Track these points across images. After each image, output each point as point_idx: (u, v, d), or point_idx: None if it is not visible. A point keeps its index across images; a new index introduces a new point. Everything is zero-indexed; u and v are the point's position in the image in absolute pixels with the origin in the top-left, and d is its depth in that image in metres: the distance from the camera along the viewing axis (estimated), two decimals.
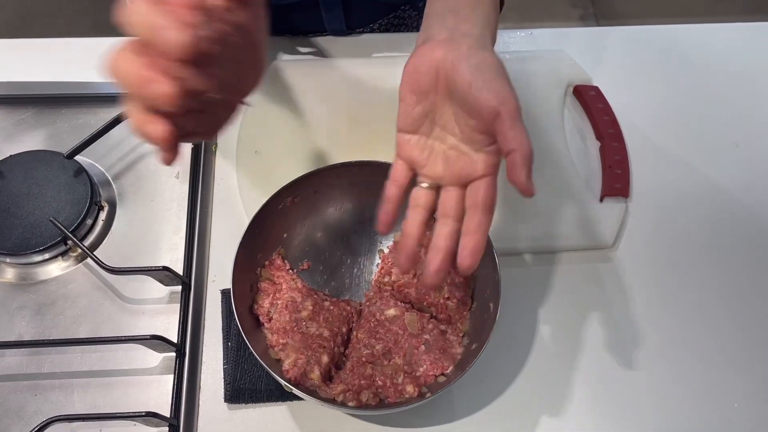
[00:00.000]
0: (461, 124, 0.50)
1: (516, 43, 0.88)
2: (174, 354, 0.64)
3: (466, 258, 0.49)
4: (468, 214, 0.51)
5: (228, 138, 0.78)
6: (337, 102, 0.80)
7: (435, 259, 0.51)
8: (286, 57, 0.85)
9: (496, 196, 0.51)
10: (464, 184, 0.52)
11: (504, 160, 0.48)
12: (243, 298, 0.62)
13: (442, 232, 0.52)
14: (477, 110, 0.48)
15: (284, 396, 0.63)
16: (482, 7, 0.54)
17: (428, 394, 0.58)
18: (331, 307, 0.63)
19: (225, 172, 0.76)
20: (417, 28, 0.94)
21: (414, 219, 0.53)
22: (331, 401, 0.58)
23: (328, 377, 0.60)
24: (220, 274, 0.70)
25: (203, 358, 0.65)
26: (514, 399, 0.64)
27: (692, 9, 2.17)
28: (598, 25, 2.15)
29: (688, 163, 0.79)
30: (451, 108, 0.51)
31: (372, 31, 0.91)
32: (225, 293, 0.68)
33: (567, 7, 2.22)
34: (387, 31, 0.93)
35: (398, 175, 0.54)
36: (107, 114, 0.76)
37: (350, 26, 0.87)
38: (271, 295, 0.64)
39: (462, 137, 0.51)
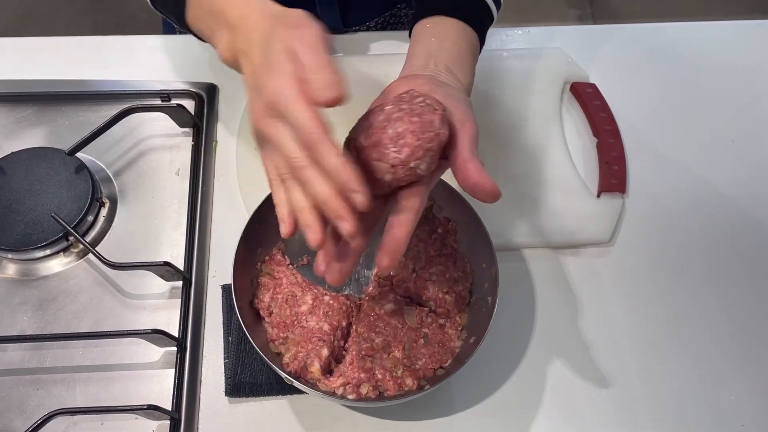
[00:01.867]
0: None
1: (513, 40, 0.88)
2: (175, 348, 0.65)
3: (383, 257, 0.48)
4: (395, 214, 0.49)
5: (228, 135, 0.78)
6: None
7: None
8: None
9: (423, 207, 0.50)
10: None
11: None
12: (243, 293, 0.62)
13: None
14: None
15: (284, 389, 0.63)
16: (461, 59, 0.59)
17: (427, 387, 0.58)
18: (331, 302, 0.64)
19: (225, 168, 0.76)
20: None
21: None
22: (331, 394, 0.58)
23: (328, 370, 0.61)
24: (220, 270, 0.70)
25: (204, 353, 0.66)
26: (512, 392, 0.65)
27: (689, 9, 2.18)
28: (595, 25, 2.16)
29: (685, 159, 0.79)
30: None
31: (368, 29, 0.91)
32: (225, 288, 0.69)
33: (564, 7, 2.23)
34: (383, 29, 0.93)
35: None
36: (108, 111, 0.77)
37: (346, 24, 0.88)
38: (272, 290, 0.64)
39: None
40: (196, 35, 0.64)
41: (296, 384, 0.56)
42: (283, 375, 0.57)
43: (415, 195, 0.50)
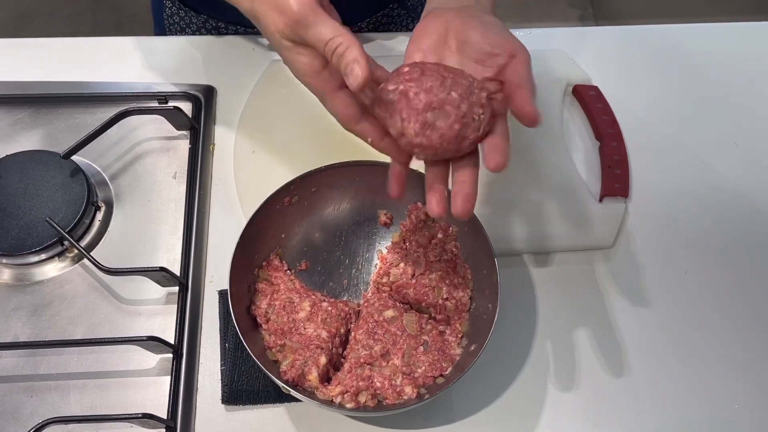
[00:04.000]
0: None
1: None
2: (171, 355, 0.64)
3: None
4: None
5: (225, 138, 0.77)
6: None
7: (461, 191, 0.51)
8: (278, 57, 0.84)
9: (509, 138, 0.52)
10: None
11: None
12: (240, 299, 0.61)
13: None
14: (493, 54, 0.52)
15: (282, 397, 0.62)
16: None
17: (426, 396, 0.57)
18: (329, 308, 0.63)
19: (223, 172, 0.75)
20: (406, 27, 0.94)
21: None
22: (329, 403, 0.58)
23: (326, 378, 0.60)
24: (217, 275, 0.69)
25: (200, 360, 0.65)
26: (514, 400, 0.64)
27: (691, 9, 2.17)
28: (597, 26, 2.15)
29: (688, 162, 0.78)
30: (457, 62, 0.54)
31: (360, 30, 0.90)
32: (222, 294, 0.68)
33: (566, 7, 2.22)
34: (376, 30, 0.92)
35: None
36: (104, 114, 0.75)
37: None
38: (269, 296, 0.63)
39: None
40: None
41: (293, 393, 0.56)
42: (280, 384, 0.56)
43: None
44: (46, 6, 2.13)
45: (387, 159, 0.55)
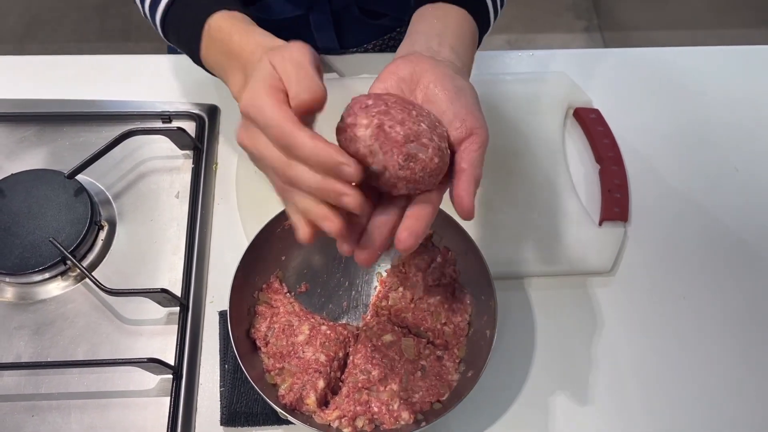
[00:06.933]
0: None
1: (517, 64, 0.88)
2: (171, 376, 0.64)
3: (405, 239, 0.45)
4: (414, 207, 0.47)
5: (228, 157, 0.78)
6: (336, 122, 0.80)
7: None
8: None
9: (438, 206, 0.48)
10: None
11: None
12: (240, 322, 0.62)
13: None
14: (453, 124, 0.48)
15: (280, 420, 0.63)
16: (465, 42, 0.58)
17: (423, 424, 0.57)
18: (328, 332, 0.63)
19: (225, 191, 0.76)
20: None
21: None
22: (326, 427, 0.58)
23: (323, 402, 0.60)
24: (218, 295, 0.70)
25: (200, 380, 0.66)
26: (511, 426, 0.64)
27: (696, 21, 2.17)
28: (602, 37, 2.15)
29: (688, 187, 0.78)
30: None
31: (366, 51, 0.91)
32: (222, 315, 0.68)
33: (571, 18, 2.22)
34: (381, 51, 0.92)
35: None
36: (109, 132, 0.76)
37: (343, 46, 0.87)
38: (269, 319, 0.64)
39: None
40: (207, 70, 0.64)
41: (290, 418, 0.56)
42: (277, 409, 0.56)
43: (429, 197, 0.48)
44: (54, 13, 2.14)
45: None
